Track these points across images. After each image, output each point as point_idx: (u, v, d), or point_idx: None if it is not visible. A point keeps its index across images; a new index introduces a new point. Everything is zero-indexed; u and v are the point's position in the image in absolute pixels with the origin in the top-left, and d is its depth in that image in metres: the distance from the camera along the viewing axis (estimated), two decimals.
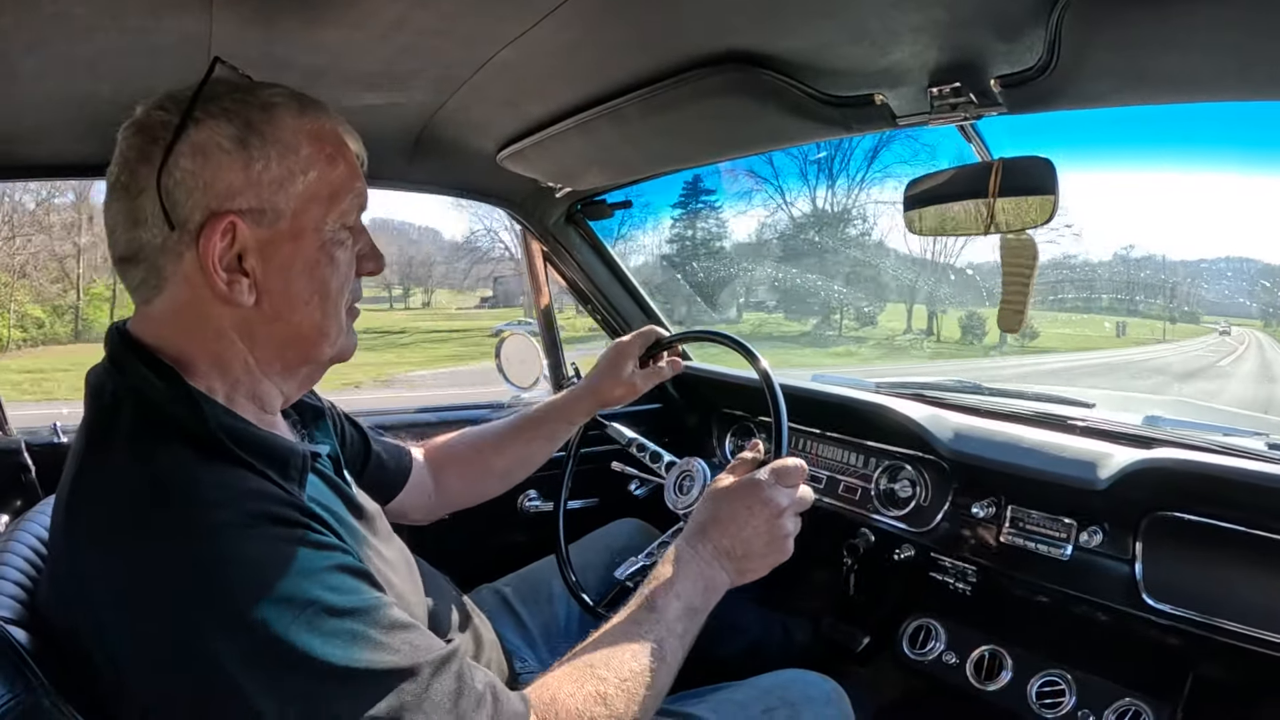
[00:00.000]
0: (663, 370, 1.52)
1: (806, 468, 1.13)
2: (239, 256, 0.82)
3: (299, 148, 0.84)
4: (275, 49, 1.14)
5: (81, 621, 0.74)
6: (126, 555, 0.71)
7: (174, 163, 0.79)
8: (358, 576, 0.78)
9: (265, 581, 0.70)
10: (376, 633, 0.73)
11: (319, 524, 0.79)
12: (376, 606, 0.76)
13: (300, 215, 0.85)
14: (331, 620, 0.71)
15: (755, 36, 1.11)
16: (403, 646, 0.75)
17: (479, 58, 1.21)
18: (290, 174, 0.83)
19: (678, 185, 18.62)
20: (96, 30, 1.03)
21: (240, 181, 0.81)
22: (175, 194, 0.79)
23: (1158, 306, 17.63)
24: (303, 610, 0.70)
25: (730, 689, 1.29)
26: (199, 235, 0.80)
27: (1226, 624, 1.26)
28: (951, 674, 1.61)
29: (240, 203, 0.81)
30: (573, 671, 0.88)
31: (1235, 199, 16.77)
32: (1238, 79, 0.99)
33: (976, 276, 17.51)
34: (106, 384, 0.82)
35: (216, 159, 0.80)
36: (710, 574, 1.02)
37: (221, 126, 0.80)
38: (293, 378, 0.93)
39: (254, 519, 0.73)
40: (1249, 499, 1.27)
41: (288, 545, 0.73)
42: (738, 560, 1.05)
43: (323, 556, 0.75)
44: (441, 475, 1.45)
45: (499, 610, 1.49)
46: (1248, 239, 21.34)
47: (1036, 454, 1.52)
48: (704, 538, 1.05)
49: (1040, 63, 0.99)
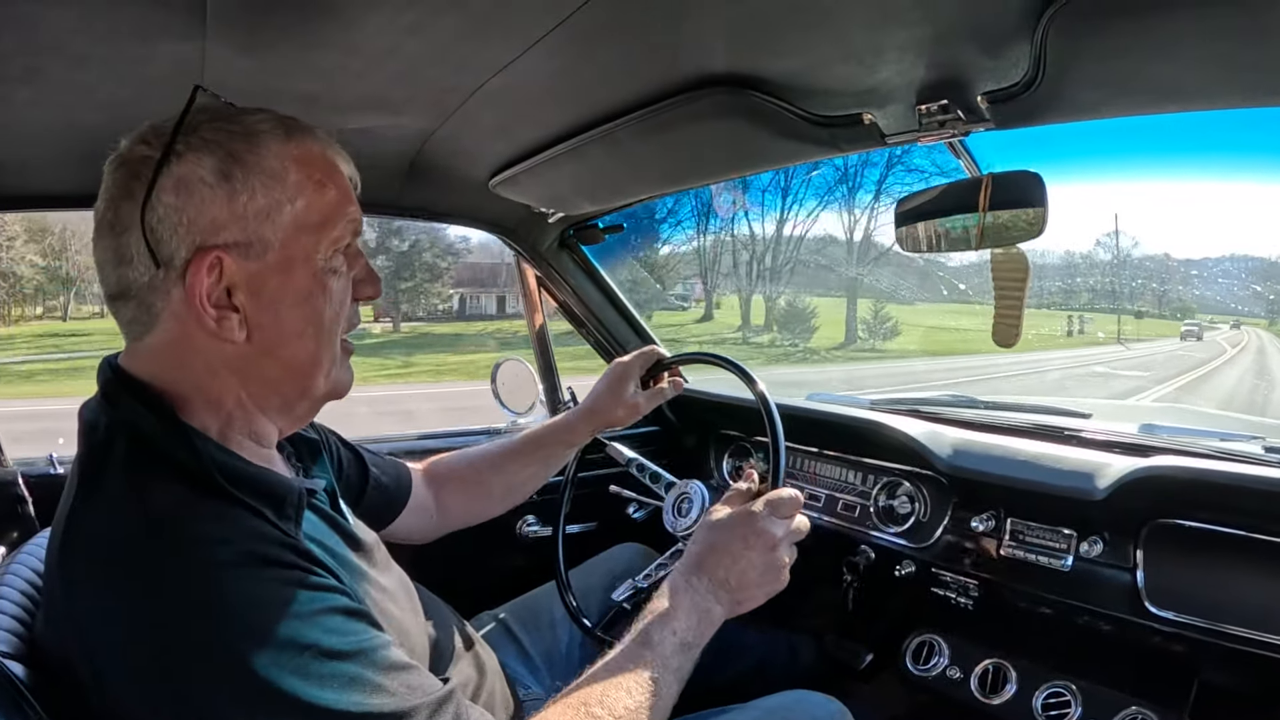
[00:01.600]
0: (665, 390, 1.52)
1: (802, 498, 1.13)
2: (228, 291, 0.81)
3: (285, 175, 0.83)
4: (268, 76, 1.14)
5: (77, 655, 0.73)
6: (120, 595, 0.71)
7: (157, 199, 0.78)
8: (354, 617, 0.77)
9: (261, 625, 0.69)
10: (373, 674, 0.73)
11: (315, 564, 0.78)
12: (373, 648, 0.75)
13: (289, 245, 0.83)
14: (329, 663, 0.70)
15: (744, 59, 1.12)
16: (399, 689, 0.74)
17: (471, 84, 1.22)
18: (277, 204, 0.82)
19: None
20: (91, 59, 1.03)
21: (224, 215, 0.79)
22: (159, 231, 0.78)
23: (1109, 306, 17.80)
24: (300, 654, 0.69)
25: (733, 712, 1.28)
26: (185, 272, 0.79)
27: (1230, 629, 1.26)
28: (956, 689, 1.60)
29: (225, 237, 0.80)
30: (567, 710, 0.87)
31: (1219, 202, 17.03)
32: (1224, 87, 1.01)
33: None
34: (100, 419, 0.81)
35: (199, 193, 0.79)
36: (706, 606, 1.02)
37: (203, 159, 0.79)
38: (288, 414, 0.92)
39: (250, 560, 0.72)
40: (1248, 503, 1.27)
41: (284, 587, 0.73)
42: (733, 591, 1.04)
43: (319, 598, 0.74)
44: (441, 495, 1.45)
45: (500, 637, 1.48)
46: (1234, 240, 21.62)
47: (1034, 466, 1.53)
48: (699, 570, 1.04)
49: (1026, 77, 1.00)
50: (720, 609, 1.03)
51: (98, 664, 0.71)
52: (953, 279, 17.30)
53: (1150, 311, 18.85)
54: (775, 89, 1.18)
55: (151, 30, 0.97)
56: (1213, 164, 15.78)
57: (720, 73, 1.16)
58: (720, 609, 1.03)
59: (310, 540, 0.84)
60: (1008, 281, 1.28)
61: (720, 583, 1.04)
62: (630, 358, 1.51)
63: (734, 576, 1.04)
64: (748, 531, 1.07)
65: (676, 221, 18.30)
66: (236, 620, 0.69)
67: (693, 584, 1.03)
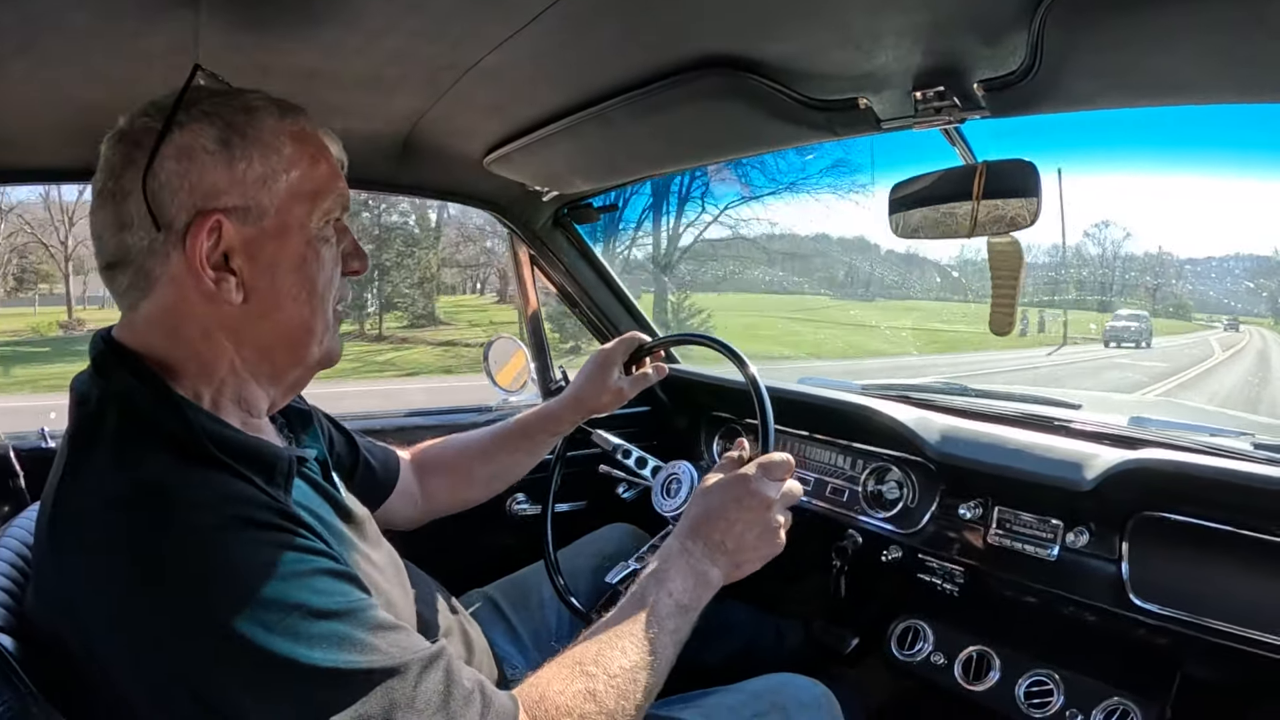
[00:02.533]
0: (648, 376, 1.51)
1: (793, 461, 1.13)
2: (225, 255, 0.83)
3: (281, 148, 0.86)
4: (263, 53, 1.14)
5: (68, 628, 0.74)
6: (109, 565, 0.71)
7: (159, 165, 0.80)
8: (343, 579, 0.78)
9: (250, 586, 0.70)
10: (362, 633, 0.74)
11: (304, 528, 0.79)
12: (362, 608, 0.76)
13: (284, 212, 0.86)
14: (318, 623, 0.71)
15: (740, 41, 1.11)
16: (390, 647, 0.75)
17: (466, 61, 1.21)
18: (273, 172, 0.85)
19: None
20: (88, 33, 1.03)
21: (225, 181, 0.82)
22: (161, 195, 0.80)
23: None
24: (289, 613, 0.70)
25: (719, 694, 1.29)
26: (185, 235, 0.81)
27: (1214, 623, 1.27)
28: (940, 674, 1.61)
29: (225, 201, 0.82)
30: (561, 669, 0.88)
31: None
32: (1223, 81, 1.00)
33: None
34: (91, 391, 0.82)
35: (201, 160, 0.81)
36: (702, 569, 1.03)
37: (205, 129, 0.82)
38: (280, 381, 0.93)
39: (238, 523, 0.73)
40: (1235, 499, 1.28)
41: (272, 549, 0.73)
42: (730, 554, 1.05)
43: (307, 560, 0.75)
44: (427, 481, 1.45)
45: (489, 615, 1.49)
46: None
47: (1023, 455, 1.53)
48: (695, 534, 1.05)
49: (1023, 66, 0.99)
50: (718, 571, 1.04)
51: (88, 635, 0.72)
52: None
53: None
54: (771, 71, 1.17)
55: (148, 5, 0.97)
56: (1210, 160, 15.62)
57: (716, 54, 1.15)
58: (718, 571, 1.04)
59: (300, 507, 0.85)
60: (1003, 270, 1.28)
61: (717, 545, 1.05)
62: (612, 344, 1.50)
63: (730, 539, 1.05)
64: (742, 493, 1.07)
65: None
66: (224, 584, 0.70)
67: (689, 548, 1.04)
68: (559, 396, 1.51)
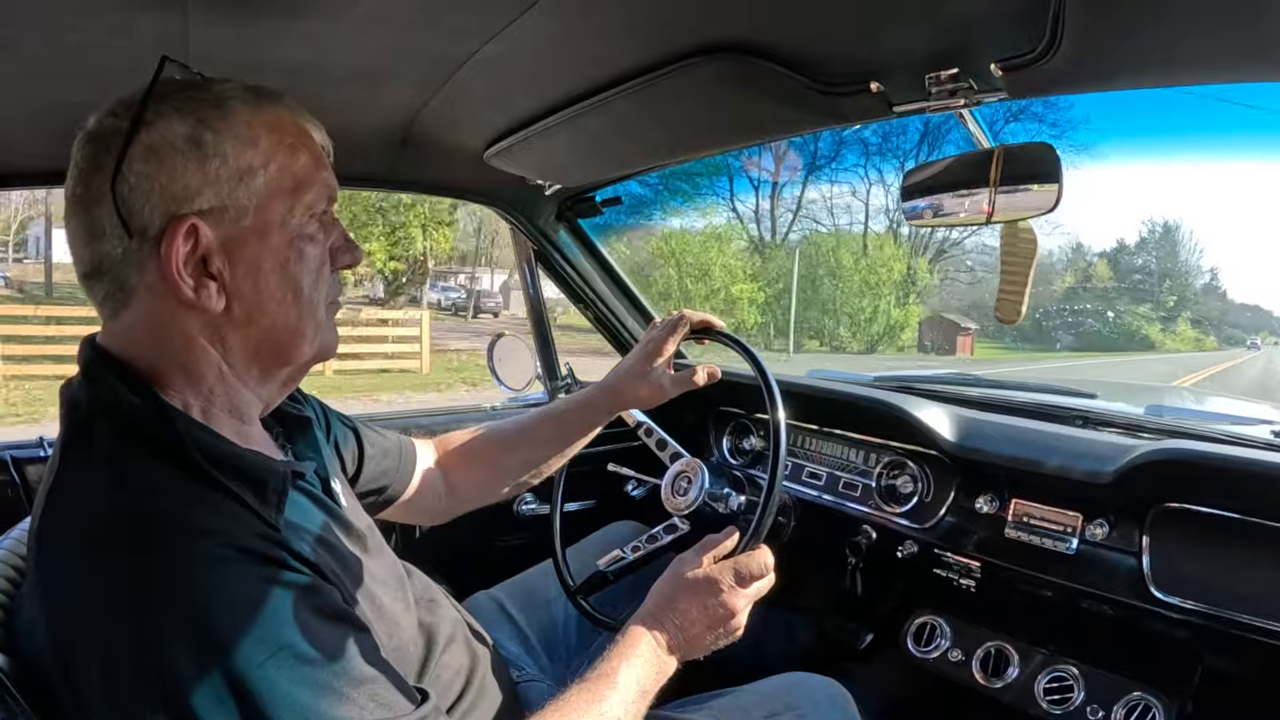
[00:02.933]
0: (696, 378, 1.40)
1: (772, 562, 1.14)
2: (204, 259, 0.79)
3: (257, 140, 0.81)
4: (253, 47, 1.11)
5: (48, 646, 0.71)
6: (91, 590, 0.69)
7: (127, 168, 0.76)
8: (334, 619, 0.75)
9: (236, 622, 0.67)
10: (348, 687, 0.71)
11: (296, 557, 0.76)
12: (349, 655, 0.73)
13: (264, 210, 0.82)
14: (302, 668, 0.68)
15: (745, 25, 1.08)
16: (375, 707, 0.72)
17: (464, 52, 1.18)
18: (250, 168, 0.80)
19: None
20: (70, 30, 1.00)
21: (198, 181, 0.78)
22: (131, 201, 0.76)
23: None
24: (273, 654, 0.67)
25: (732, 694, 1.27)
26: (160, 241, 0.77)
27: (1235, 615, 1.25)
28: (957, 671, 1.60)
29: (200, 203, 0.78)
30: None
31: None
32: (1253, 59, 0.96)
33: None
34: (80, 398, 0.79)
35: (171, 160, 0.77)
36: (662, 660, 1.03)
37: (174, 125, 0.77)
38: (271, 382, 0.90)
39: (226, 555, 0.70)
40: (1257, 489, 1.26)
41: (262, 585, 0.70)
42: (684, 648, 1.07)
43: (297, 597, 0.72)
44: (452, 474, 1.41)
45: (496, 618, 1.46)
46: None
47: (1040, 447, 1.51)
48: (660, 626, 1.06)
49: (1043, 45, 0.96)
50: (672, 664, 1.05)
51: (66, 656, 0.69)
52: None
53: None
54: (778, 56, 1.14)
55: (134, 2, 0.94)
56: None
57: (722, 39, 1.12)
58: (672, 664, 1.05)
59: (294, 528, 0.81)
60: (1015, 257, 1.25)
61: (676, 645, 1.06)
62: (662, 329, 1.38)
63: (688, 639, 1.07)
64: (710, 599, 1.08)
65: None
66: (211, 616, 0.67)
67: (655, 638, 1.04)
68: (596, 384, 1.44)
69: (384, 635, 0.86)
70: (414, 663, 0.99)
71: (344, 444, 1.20)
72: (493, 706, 1.11)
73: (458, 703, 1.06)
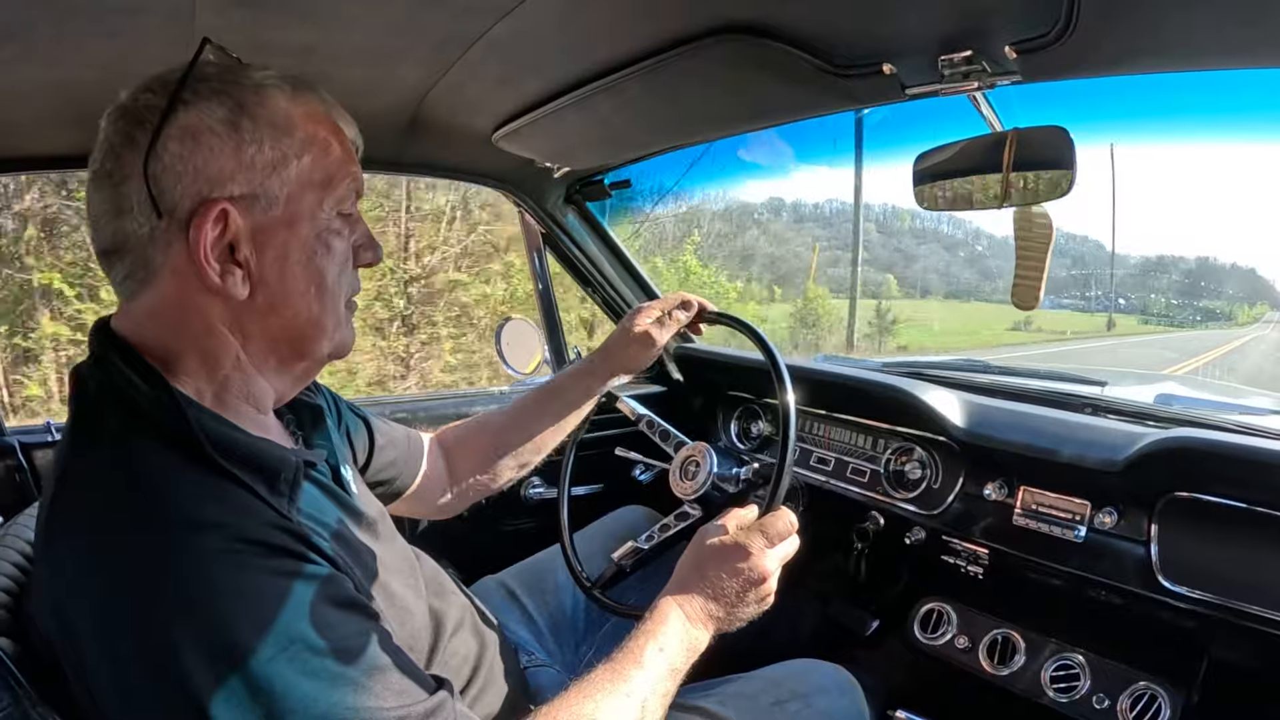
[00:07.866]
0: (679, 318, 1.39)
1: (796, 523, 1.12)
2: (231, 246, 0.78)
3: (292, 131, 0.81)
4: (262, 27, 1.10)
5: (56, 631, 0.71)
6: (102, 574, 0.68)
7: (161, 147, 0.75)
8: (347, 609, 0.74)
9: (249, 615, 0.67)
10: (363, 676, 0.70)
11: (308, 547, 0.75)
12: (364, 645, 0.73)
13: (294, 201, 0.81)
14: (316, 659, 0.68)
15: (759, 5, 1.07)
16: (390, 696, 0.71)
17: (473, 32, 1.17)
18: (284, 158, 0.80)
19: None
20: (80, 12, 0.99)
21: (232, 166, 0.77)
22: (163, 180, 0.75)
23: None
24: (286, 647, 0.67)
25: (739, 681, 1.27)
26: (189, 224, 0.76)
27: (1243, 606, 1.24)
28: (964, 658, 1.59)
29: (232, 189, 0.77)
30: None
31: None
32: (1273, 45, 0.94)
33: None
34: (90, 382, 0.79)
35: (207, 142, 0.76)
36: (694, 635, 1.02)
37: (212, 108, 0.77)
38: (287, 374, 0.89)
39: (237, 547, 0.69)
40: (1268, 478, 1.25)
41: (274, 577, 0.70)
42: (719, 620, 1.05)
43: (310, 589, 0.71)
44: (455, 463, 1.41)
45: (504, 603, 1.47)
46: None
47: (1050, 434, 1.50)
48: (690, 598, 1.04)
49: (1058, 27, 0.94)
50: (706, 637, 1.04)
51: (77, 639, 0.69)
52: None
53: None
54: (790, 37, 1.13)
55: None
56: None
57: (733, 20, 1.11)
58: (706, 637, 1.04)
59: (307, 517, 0.81)
60: (1031, 242, 1.23)
61: (710, 614, 1.04)
62: (648, 304, 1.41)
63: (722, 607, 1.05)
64: (740, 562, 1.06)
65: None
66: (223, 608, 0.66)
67: (685, 611, 1.03)
68: (586, 356, 1.45)
69: (396, 623, 0.86)
70: (424, 649, 0.99)
71: (355, 433, 1.20)
72: (501, 692, 1.11)
73: (466, 688, 1.06)
